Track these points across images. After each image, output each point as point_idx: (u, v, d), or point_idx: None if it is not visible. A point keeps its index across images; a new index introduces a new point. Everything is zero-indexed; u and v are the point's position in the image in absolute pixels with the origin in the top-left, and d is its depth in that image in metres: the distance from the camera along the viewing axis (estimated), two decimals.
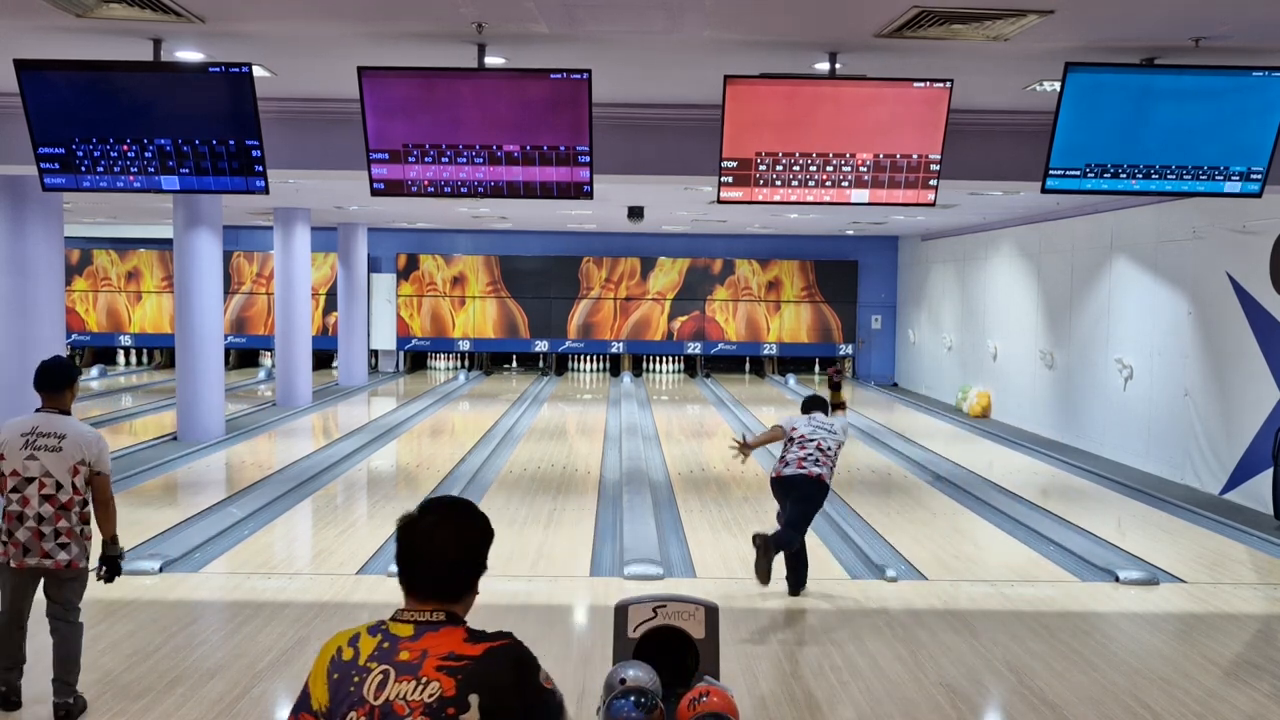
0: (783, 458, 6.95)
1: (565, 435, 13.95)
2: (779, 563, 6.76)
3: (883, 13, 5.14)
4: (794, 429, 7.03)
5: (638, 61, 6.22)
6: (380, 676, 2.15)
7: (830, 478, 6.90)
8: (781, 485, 6.91)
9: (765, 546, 6.56)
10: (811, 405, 7.32)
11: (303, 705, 2.22)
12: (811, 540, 8.17)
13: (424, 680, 2.13)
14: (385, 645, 2.20)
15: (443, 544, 2.27)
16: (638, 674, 3.82)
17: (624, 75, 6.54)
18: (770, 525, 7.00)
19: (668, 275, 21.73)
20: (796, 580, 6.89)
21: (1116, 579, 7.27)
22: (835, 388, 8.06)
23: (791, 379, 21.22)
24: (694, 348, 21.82)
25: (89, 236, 22.12)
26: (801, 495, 6.79)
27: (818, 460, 6.84)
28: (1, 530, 4.78)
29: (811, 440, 6.89)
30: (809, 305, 21.75)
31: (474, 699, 2.13)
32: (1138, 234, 11.98)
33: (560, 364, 22.43)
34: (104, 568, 4.93)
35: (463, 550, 2.28)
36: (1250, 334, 9.76)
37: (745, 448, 7.13)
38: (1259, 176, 6.04)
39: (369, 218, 18.58)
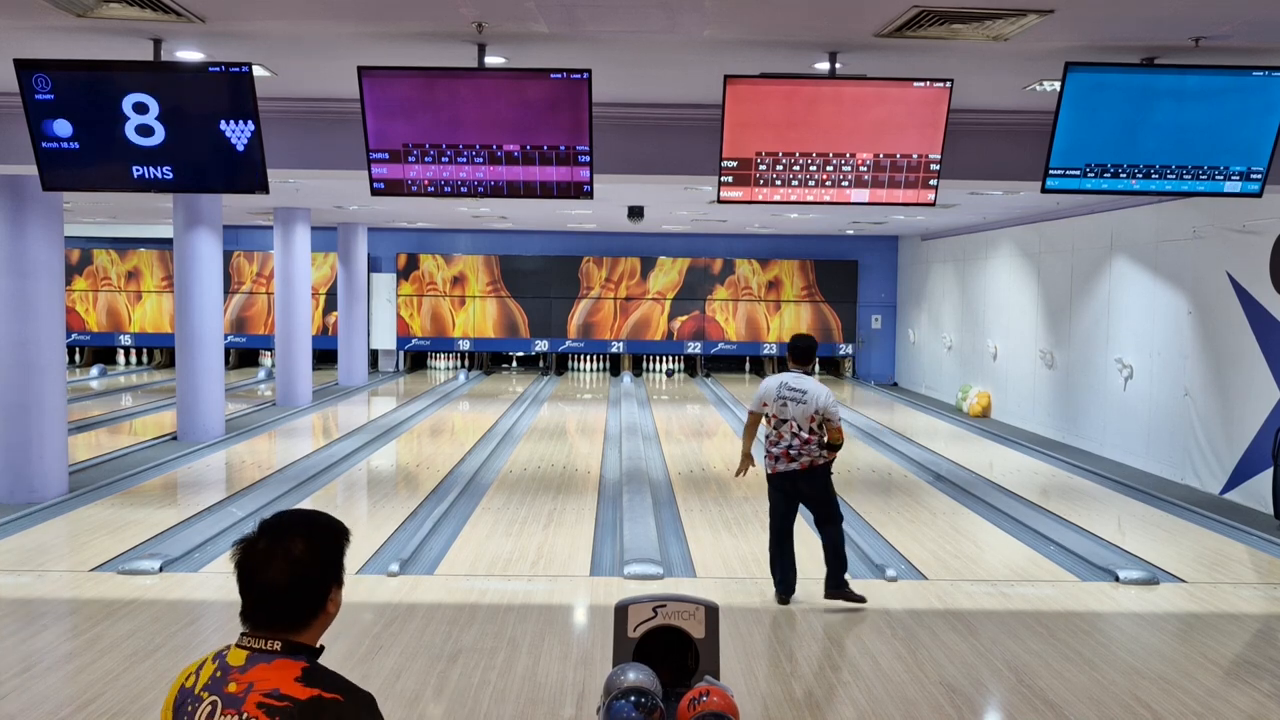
0: (767, 450, 6.60)
1: (565, 435, 13.95)
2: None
3: (883, 12, 5.14)
4: (764, 405, 6.55)
5: (638, 61, 6.22)
6: (209, 708, 1.97)
7: (821, 457, 6.47)
8: (775, 483, 6.60)
9: (844, 594, 6.50)
10: (792, 355, 6.68)
11: None
12: (812, 540, 8.18)
13: (245, 716, 1.93)
14: (219, 674, 2.00)
15: (278, 574, 2.01)
16: (638, 677, 3.82)
17: (624, 75, 6.54)
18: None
19: (668, 275, 21.73)
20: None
21: (1116, 579, 7.27)
22: None
23: None
24: (694, 347, 21.82)
25: (89, 236, 22.12)
26: (805, 494, 6.53)
27: (797, 449, 6.45)
28: None
29: (784, 421, 6.44)
30: (809, 305, 21.75)
31: None
32: (1138, 234, 11.98)
33: (560, 364, 22.43)
34: None
35: (302, 577, 2.03)
36: (1250, 334, 9.76)
37: (744, 467, 6.77)
38: (1259, 176, 6.04)
39: (369, 218, 18.58)
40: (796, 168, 6.13)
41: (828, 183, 6.17)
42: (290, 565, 2.02)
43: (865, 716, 4.99)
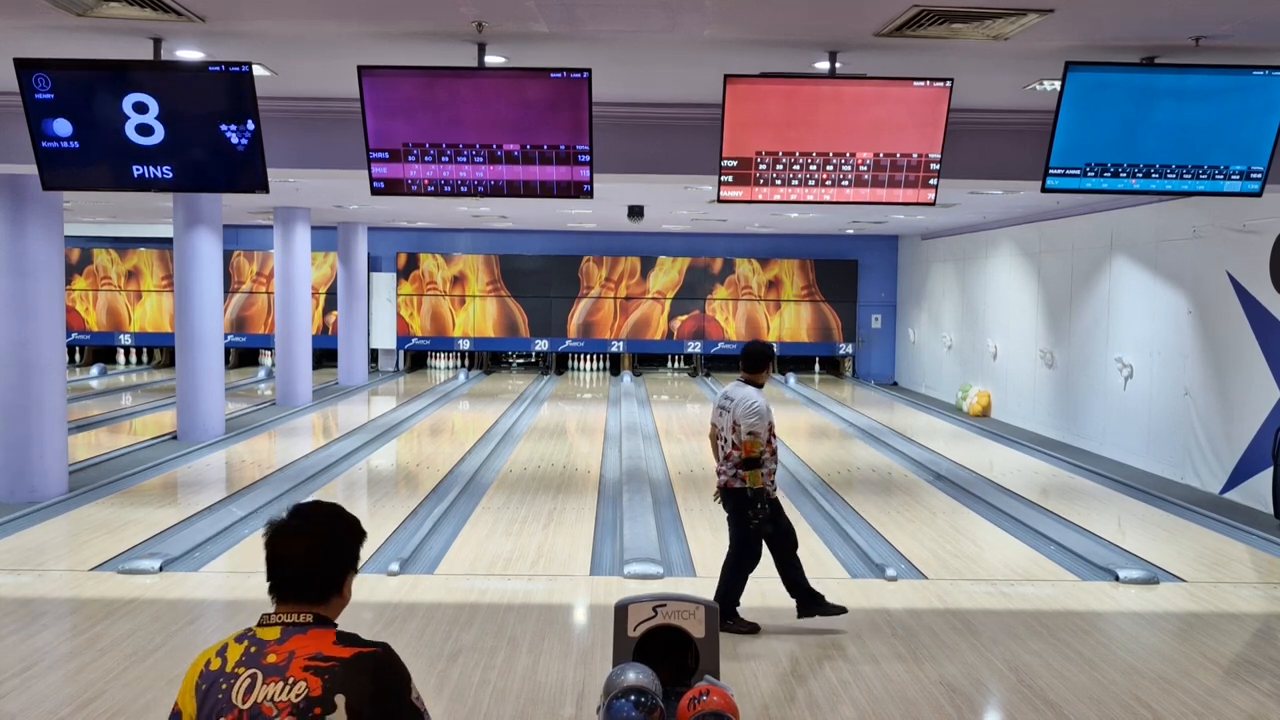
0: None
1: (565, 435, 13.95)
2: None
3: (883, 12, 5.14)
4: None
5: (638, 61, 6.22)
6: (248, 681, 2.15)
7: (737, 478, 5.89)
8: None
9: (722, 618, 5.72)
10: (740, 361, 6.16)
11: None
12: (811, 540, 8.18)
13: (291, 681, 2.14)
14: (252, 650, 2.20)
15: (304, 550, 2.27)
16: (638, 677, 3.82)
17: (624, 75, 6.54)
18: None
19: (668, 274, 21.73)
20: (802, 597, 6.12)
21: (1116, 578, 7.27)
22: None
23: (791, 378, 21.23)
24: (694, 347, 21.82)
25: (89, 236, 22.12)
26: (728, 514, 6.13)
27: (721, 464, 6.04)
28: None
29: (720, 437, 6.09)
30: (809, 304, 21.75)
31: (340, 699, 2.13)
32: (1138, 233, 11.98)
33: (560, 363, 22.43)
34: None
35: (324, 555, 2.28)
36: (1250, 334, 9.76)
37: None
38: (1259, 176, 6.04)
39: (369, 217, 18.58)
40: (796, 167, 6.13)
41: (828, 182, 6.17)
42: (316, 548, 2.28)
43: (865, 716, 4.99)
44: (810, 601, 6.11)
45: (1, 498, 9.08)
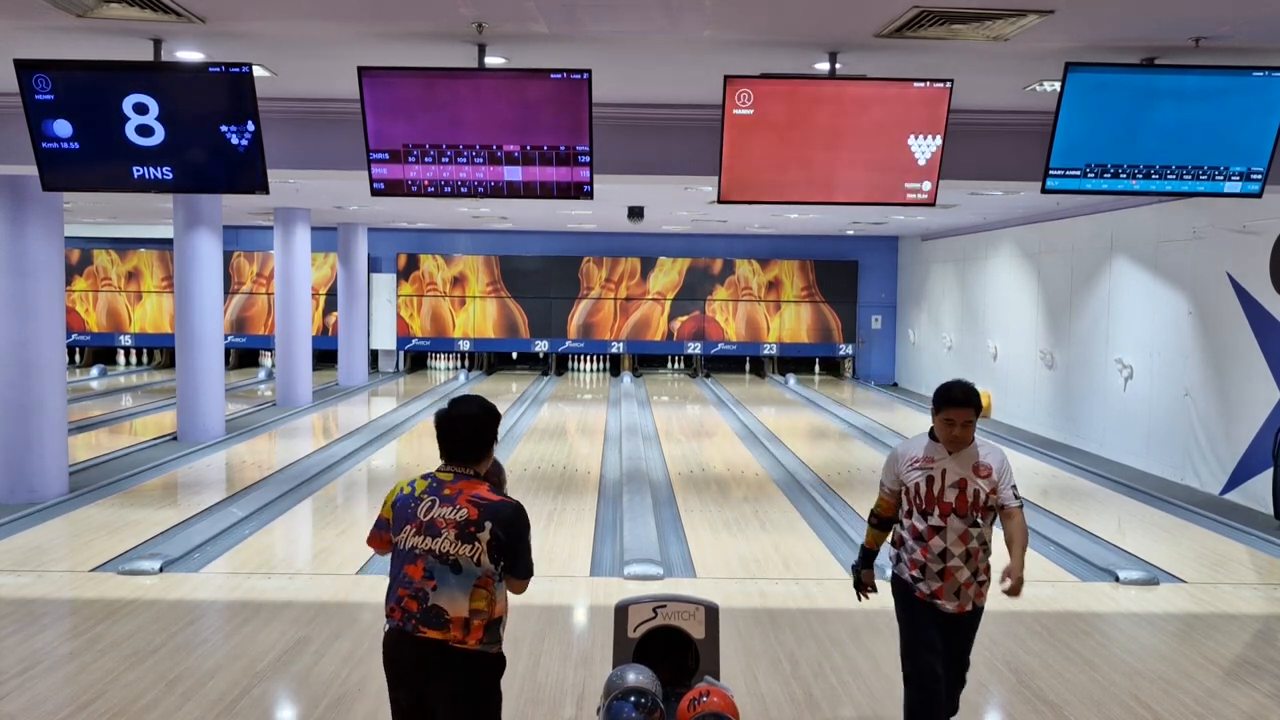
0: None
1: (565, 435, 13.95)
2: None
3: (883, 13, 5.14)
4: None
5: (638, 61, 6.22)
6: (429, 504, 3.30)
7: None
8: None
9: None
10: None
11: (378, 525, 3.42)
12: (811, 541, 8.18)
13: (458, 507, 3.27)
14: (433, 485, 3.34)
15: (464, 427, 3.38)
16: (638, 677, 3.82)
17: (624, 75, 6.54)
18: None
19: (668, 275, 21.73)
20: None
21: (1116, 579, 7.27)
22: None
23: (791, 379, 21.23)
24: (694, 348, 21.82)
25: (89, 236, 22.12)
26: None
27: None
28: None
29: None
30: (809, 305, 21.75)
31: (488, 524, 3.26)
32: (1138, 234, 11.98)
33: (560, 364, 22.43)
34: None
35: (477, 432, 3.39)
36: (1250, 334, 9.76)
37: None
38: (1259, 176, 6.04)
39: (369, 218, 18.58)
40: None
41: None
42: (470, 424, 3.38)
43: (865, 716, 4.99)
44: None
45: (1, 498, 9.08)
